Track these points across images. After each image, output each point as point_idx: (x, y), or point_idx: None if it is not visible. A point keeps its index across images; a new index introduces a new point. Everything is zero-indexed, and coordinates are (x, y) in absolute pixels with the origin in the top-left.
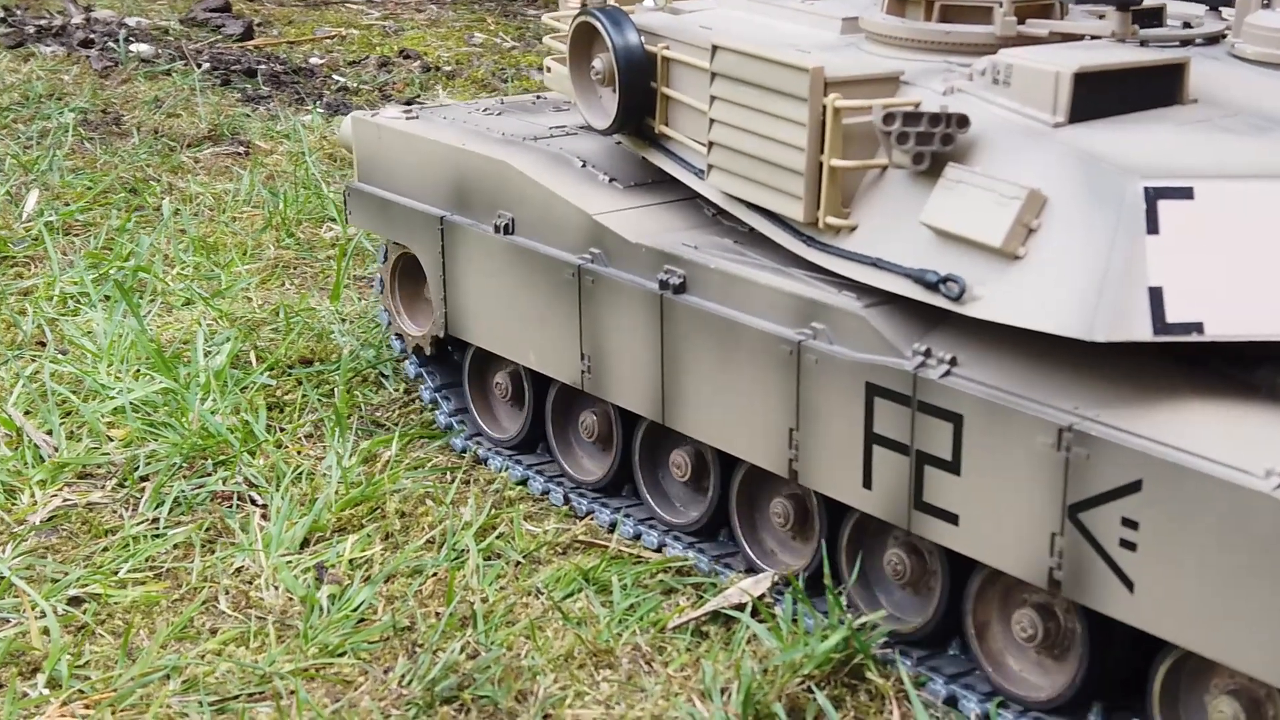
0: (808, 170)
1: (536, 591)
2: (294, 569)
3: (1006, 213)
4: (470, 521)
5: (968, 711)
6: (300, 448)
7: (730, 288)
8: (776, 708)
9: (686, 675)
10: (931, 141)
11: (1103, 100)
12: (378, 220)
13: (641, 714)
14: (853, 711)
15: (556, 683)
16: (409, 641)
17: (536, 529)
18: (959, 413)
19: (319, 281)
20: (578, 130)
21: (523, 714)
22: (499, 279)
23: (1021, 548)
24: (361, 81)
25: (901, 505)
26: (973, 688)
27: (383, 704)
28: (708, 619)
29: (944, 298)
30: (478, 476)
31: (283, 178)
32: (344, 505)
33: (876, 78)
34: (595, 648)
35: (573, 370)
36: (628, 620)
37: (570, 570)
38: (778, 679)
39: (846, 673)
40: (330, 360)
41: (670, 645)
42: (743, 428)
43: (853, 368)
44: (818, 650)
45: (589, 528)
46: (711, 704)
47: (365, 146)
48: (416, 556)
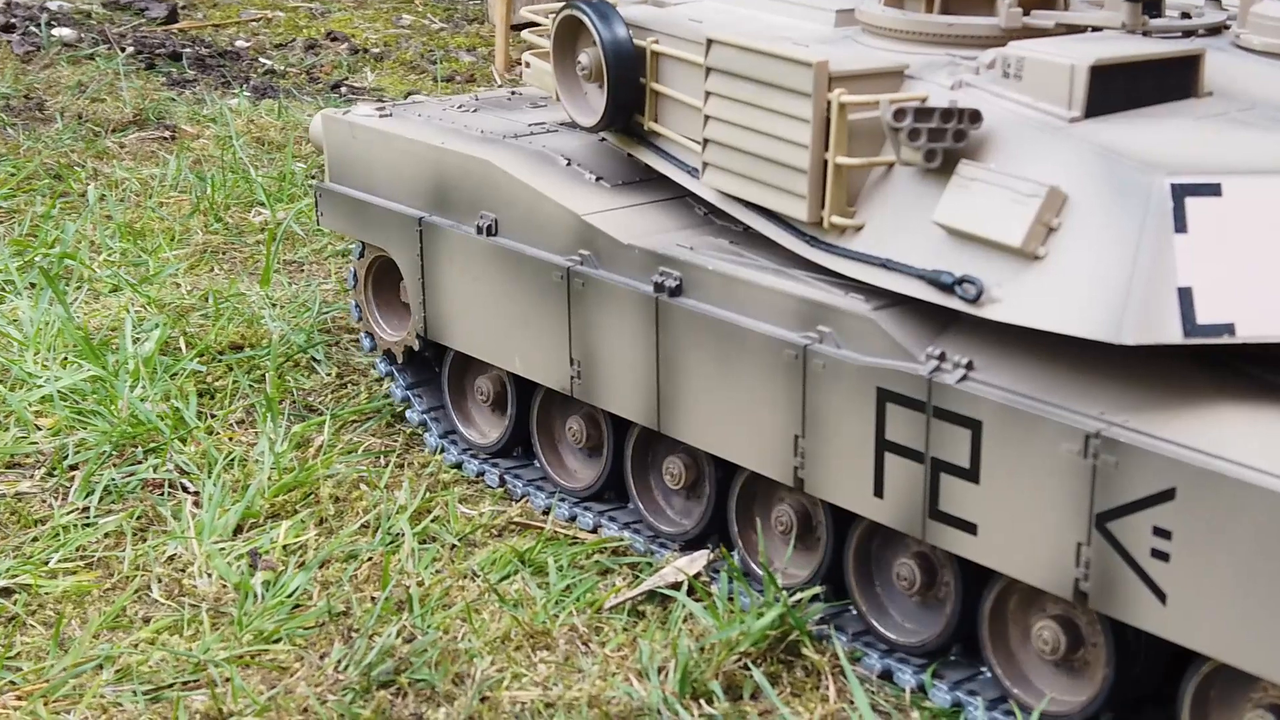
0: (811, 168)
1: (472, 574)
2: (227, 556)
3: (1025, 211)
4: (405, 505)
5: (903, 684)
6: (232, 434)
7: (730, 290)
8: (713, 685)
9: (624, 655)
10: (944, 138)
11: (1118, 94)
12: (351, 222)
13: (579, 694)
14: (789, 688)
15: (493, 665)
16: (344, 626)
17: (472, 512)
18: (977, 419)
19: (248, 266)
20: (558, 127)
21: (460, 697)
22: (482, 282)
23: (1045, 558)
24: (288, 64)
25: (915, 514)
26: (908, 661)
27: (319, 689)
28: (644, 599)
29: (960, 300)
30: (412, 460)
31: (210, 162)
32: (277, 491)
33: (882, 72)
34: (532, 629)
35: (561, 376)
36: (564, 601)
37: (506, 552)
38: (714, 657)
39: (783, 649)
40: (261, 345)
41: (607, 625)
42: (744, 435)
43: (863, 372)
44: (754, 628)
45: (524, 510)
46: (649, 683)
47: (337, 145)
48: (351, 541)
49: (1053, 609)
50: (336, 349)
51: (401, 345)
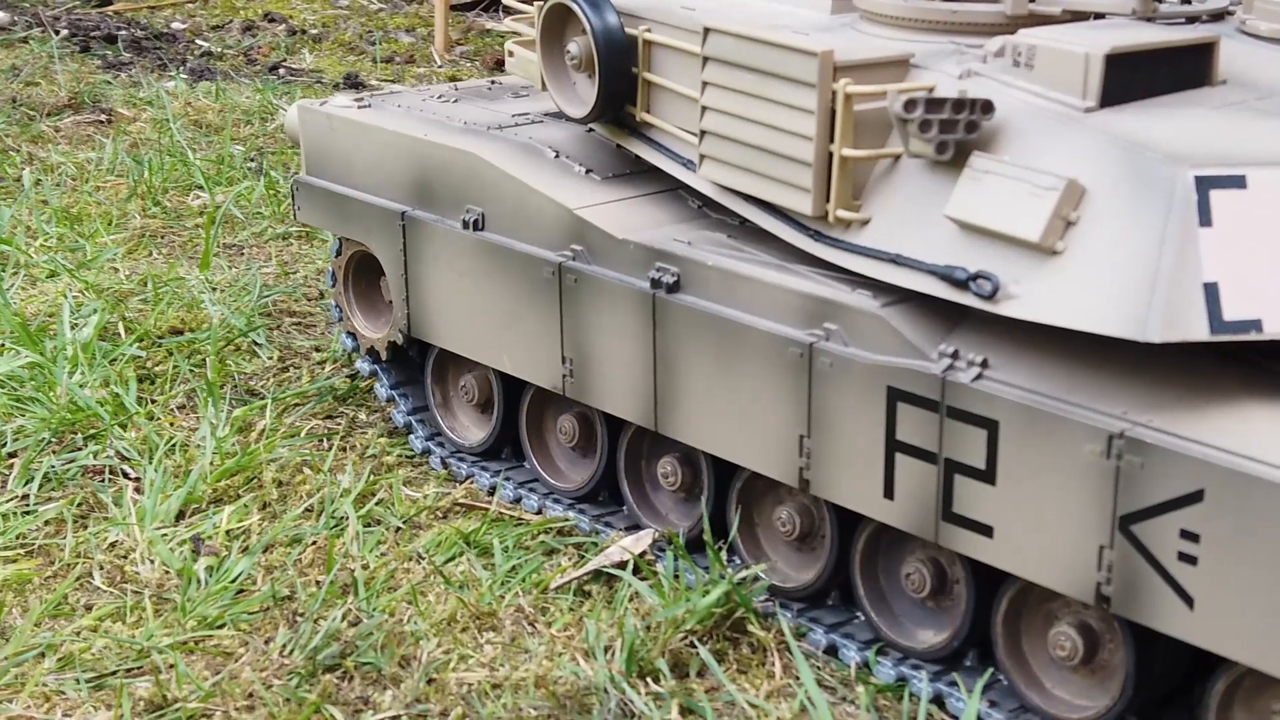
0: (816, 161)
1: (417, 556)
2: (170, 542)
3: (1043, 205)
4: (349, 488)
5: (848, 660)
6: (173, 419)
7: (730, 286)
8: (660, 663)
9: (570, 635)
10: (955, 129)
11: (1134, 83)
12: (330, 216)
13: (526, 675)
14: (735, 664)
15: (440, 647)
16: (289, 611)
17: (416, 494)
18: (994, 419)
19: (187, 250)
20: (543, 118)
21: (406, 679)
22: (468, 278)
23: (1065, 562)
24: (225, 46)
25: (928, 517)
26: (852, 636)
27: (264, 674)
28: (590, 578)
29: (974, 296)
30: (355, 443)
31: (147, 145)
32: (219, 476)
33: (887, 61)
34: (478, 610)
35: (553, 374)
36: (510, 582)
37: (451, 534)
38: (661, 635)
39: (728, 626)
40: (201, 329)
41: (553, 605)
42: (746, 435)
43: (872, 371)
44: (699, 605)
45: (469, 491)
46: (595, 662)
47: (314, 138)
48: (295, 525)
49: (1070, 613)
50: (278, 332)
51: (385, 342)
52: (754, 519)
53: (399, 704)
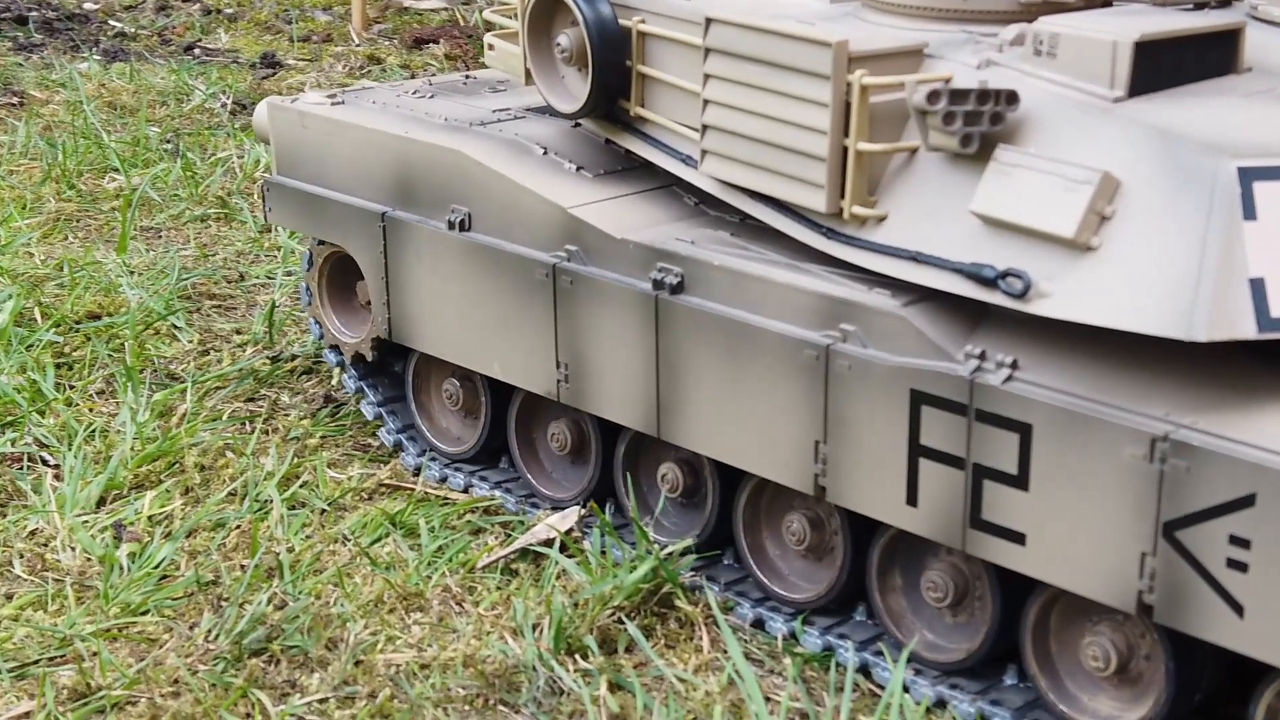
0: (830, 155)
1: (343, 538)
2: (91, 529)
3: (1077, 200)
4: (273, 471)
5: (774, 632)
6: (92, 405)
7: (739, 287)
8: (588, 640)
9: (498, 613)
10: (980, 121)
11: (1162, 71)
12: (304, 218)
13: (454, 654)
14: (663, 639)
15: (367, 628)
16: (214, 596)
17: (341, 475)
18: (1027, 422)
19: (104, 234)
20: (525, 113)
21: (333, 661)
22: (454, 281)
23: (1104, 570)
24: (139, 27)
25: (954, 524)
26: (778, 610)
27: (189, 660)
28: (517, 556)
29: (1004, 295)
30: (278, 425)
31: (61, 128)
32: (140, 461)
33: (902, 51)
34: (405, 591)
35: (546, 380)
36: (437, 562)
37: (377, 515)
38: (588, 612)
39: (656, 602)
40: (119, 313)
41: (480, 585)
42: (757, 441)
43: (894, 373)
44: (627, 581)
45: (394, 472)
46: (524, 640)
47: (286, 136)
48: (218, 510)
49: (1104, 622)
50: (198, 315)
51: (367, 344)
52: (761, 527)
53: (326, 686)
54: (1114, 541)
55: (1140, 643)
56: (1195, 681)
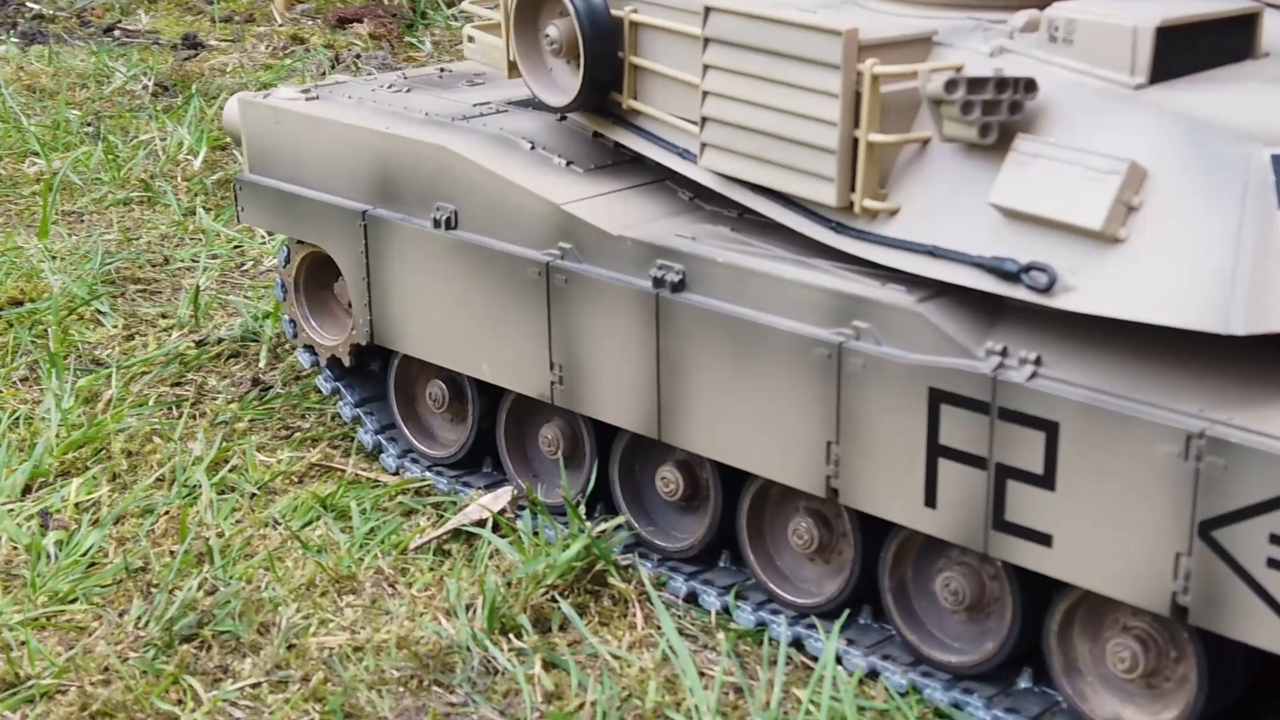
0: (841, 147)
1: (274, 522)
2: (16, 517)
3: (1104, 190)
4: (201, 456)
5: (708, 607)
6: (15, 392)
7: (744, 284)
8: (522, 620)
9: (431, 594)
10: (998, 110)
11: (1183, 57)
12: (279, 217)
13: (387, 636)
14: (597, 617)
15: (299, 612)
16: (143, 582)
17: (270, 459)
18: (1053, 420)
19: (24, 218)
20: (507, 107)
21: (266, 646)
22: (441, 281)
23: (1135, 571)
24: (58, 8)
25: (976, 526)
26: (711, 583)
27: (119, 648)
28: (449, 537)
29: (1028, 289)
30: (205, 409)
31: None
32: (66, 448)
33: (912, 39)
34: (337, 574)
35: (539, 382)
36: (369, 544)
37: (307, 498)
38: (522, 591)
39: (589, 580)
40: (42, 299)
41: (413, 566)
42: (764, 442)
43: (911, 371)
44: (559, 560)
45: (324, 454)
46: (457, 621)
47: (258, 133)
48: (147, 496)
49: (1133, 623)
50: (122, 300)
51: (346, 348)
52: (765, 531)
53: (259, 671)
54: (1147, 542)
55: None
56: (1228, 685)
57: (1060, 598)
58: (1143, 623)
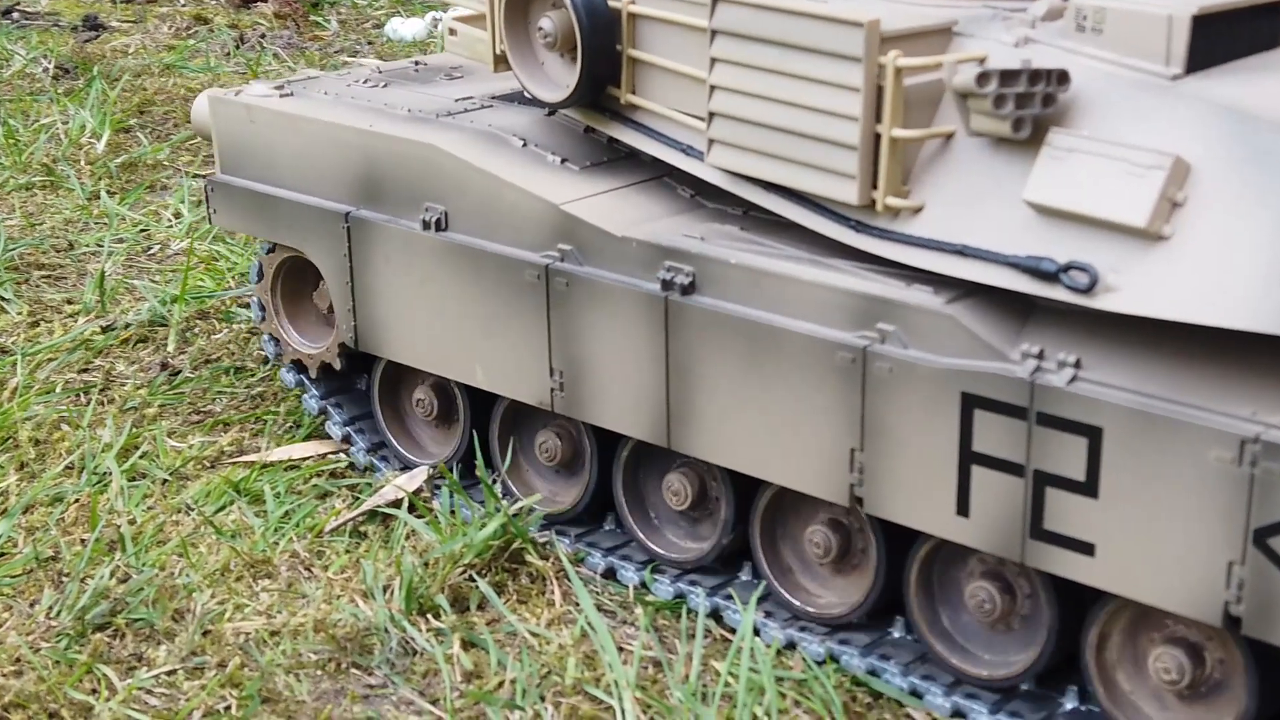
0: (862, 143)
1: (186, 508)
2: None
3: (1148, 186)
4: (110, 443)
5: (626, 581)
6: None
7: (759, 286)
8: (440, 599)
9: (348, 577)
10: (1031, 103)
11: (1217, 46)
12: (254, 220)
13: (304, 620)
14: (515, 595)
15: (214, 598)
16: (54, 572)
17: (181, 445)
18: (1096, 425)
19: None
20: (492, 102)
21: (180, 633)
22: (430, 284)
23: (1185, 581)
24: None
25: (1012, 535)
26: (629, 558)
27: (31, 638)
28: (365, 519)
29: (1067, 290)
30: (114, 396)
31: None
32: None
33: (932, 30)
34: (252, 559)
35: (539, 388)
36: (284, 528)
37: (220, 483)
38: (439, 571)
39: (507, 558)
40: None
41: (329, 549)
42: (782, 450)
43: (943, 375)
44: (476, 539)
45: (235, 440)
46: (375, 603)
47: (230, 132)
48: (56, 484)
49: (1172, 630)
50: (26, 286)
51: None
52: (779, 539)
53: (174, 658)
54: (1197, 550)
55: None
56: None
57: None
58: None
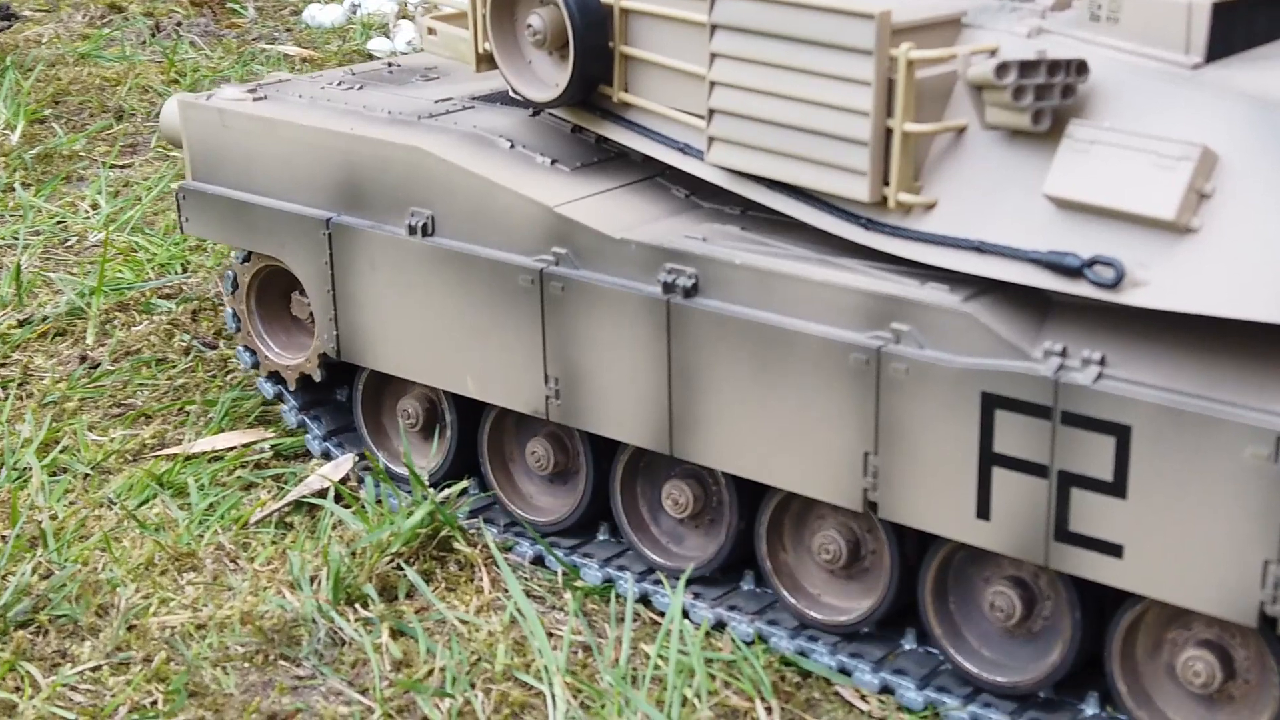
0: (873, 139)
1: (109, 502)
2: None
3: (1175, 178)
4: (30, 438)
5: (554, 567)
6: None
7: (766, 287)
8: (368, 589)
9: (274, 568)
10: (1051, 95)
11: (1236, 34)
12: (229, 228)
13: (231, 612)
14: (444, 583)
15: (138, 592)
16: None
17: (102, 439)
18: (1125, 424)
19: None
20: (473, 102)
21: (105, 628)
22: (417, 291)
23: (1218, 581)
24: None
25: (1035, 537)
26: (557, 545)
27: None
28: (291, 510)
29: (1092, 285)
30: (32, 390)
31: None
32: None
33: (941, 21)
34: (176, 552)
35: (533, 397)
36: (208, 520)
37: (143, 476)
38: (366, 560)
39: (435, 546)
40: None
41: (255, 540)
42: (792, 455)
43: (962, 376)
44: (404, 527)
45: (157, 432)
46: (302, 593)
47: (202, 137)
48: None
49: (1202, 633)
50: None
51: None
52: (784, 546)
53: (99, 654)
54: (1231, 550)
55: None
56: None
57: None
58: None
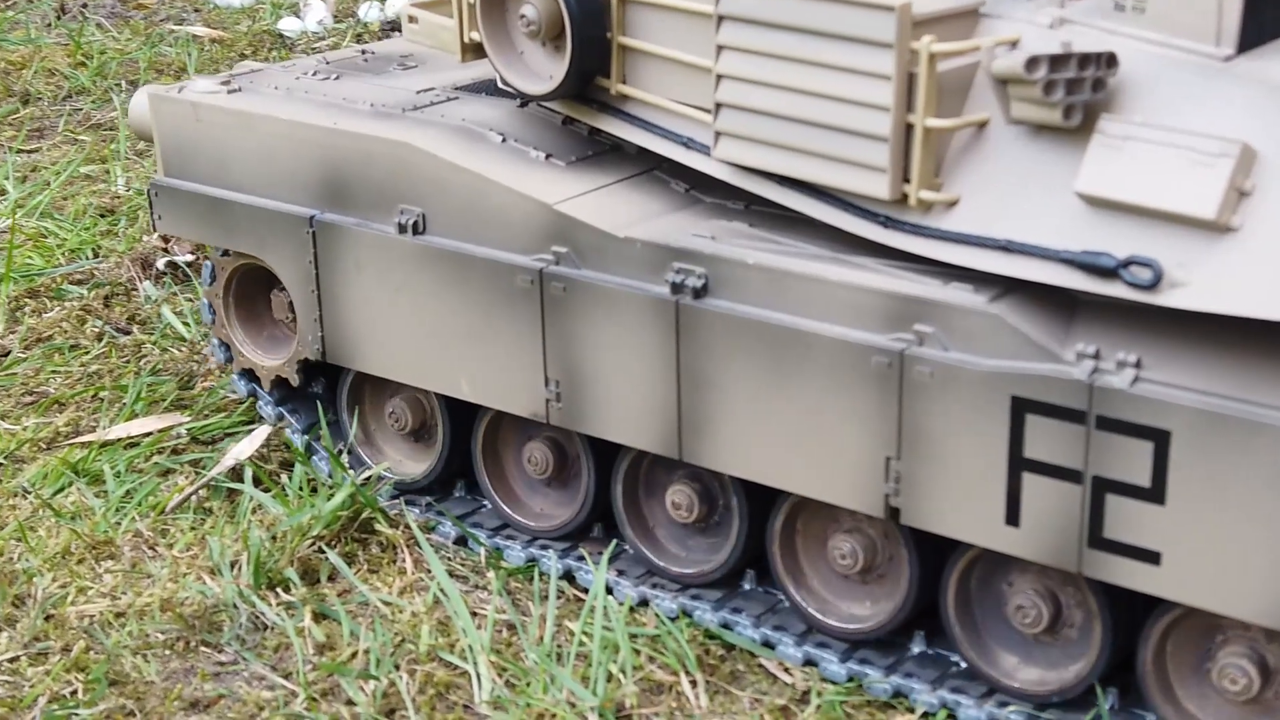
0: (893, 134)
1: (23, 491)
2: None
3: (1215, 175)
4: None
5: (477, 549)
6: None
7: (780, 287)
8: (289, 573)
9: (194, 554)
10: (1082, 89)
11: (1266, 24)
12: (206, 226)
13: (150, 600)
14: (366, 565)
15: (55, 581)
16: None
17: (15, 427)
18: (1164, 429)
19: None
20: (456, 94)
21: (22, 619)
22: (407, 291)
23: (1259, 588)
24: None
25: (1068, 545)
26: (480, 525)
27: None
28: (211, 495)
29: (1128, 286)
30: None
31: None
32: None
33: (961, 12)
34: (93, 540)
35: (533, 400)
36: (125, 508)
37: (58, 465)
38: (288, 544)
39: (356, 528)
40: None
41: (174, 527)
42: (808, 460)
43: (990, 379)
44: (324, 510)
45: (72, 419)
46: (222, 579)
47: (174, 132)
48: None
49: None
50: None
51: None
52: (797, 551)
53: (16, 645)
54: (1273, 556)
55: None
56: None
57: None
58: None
